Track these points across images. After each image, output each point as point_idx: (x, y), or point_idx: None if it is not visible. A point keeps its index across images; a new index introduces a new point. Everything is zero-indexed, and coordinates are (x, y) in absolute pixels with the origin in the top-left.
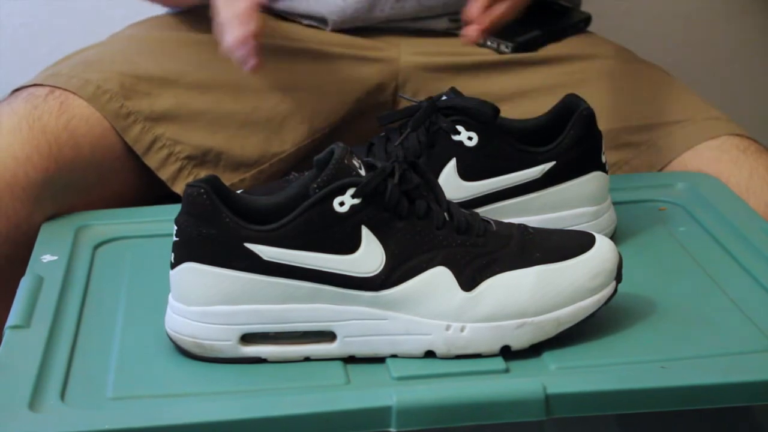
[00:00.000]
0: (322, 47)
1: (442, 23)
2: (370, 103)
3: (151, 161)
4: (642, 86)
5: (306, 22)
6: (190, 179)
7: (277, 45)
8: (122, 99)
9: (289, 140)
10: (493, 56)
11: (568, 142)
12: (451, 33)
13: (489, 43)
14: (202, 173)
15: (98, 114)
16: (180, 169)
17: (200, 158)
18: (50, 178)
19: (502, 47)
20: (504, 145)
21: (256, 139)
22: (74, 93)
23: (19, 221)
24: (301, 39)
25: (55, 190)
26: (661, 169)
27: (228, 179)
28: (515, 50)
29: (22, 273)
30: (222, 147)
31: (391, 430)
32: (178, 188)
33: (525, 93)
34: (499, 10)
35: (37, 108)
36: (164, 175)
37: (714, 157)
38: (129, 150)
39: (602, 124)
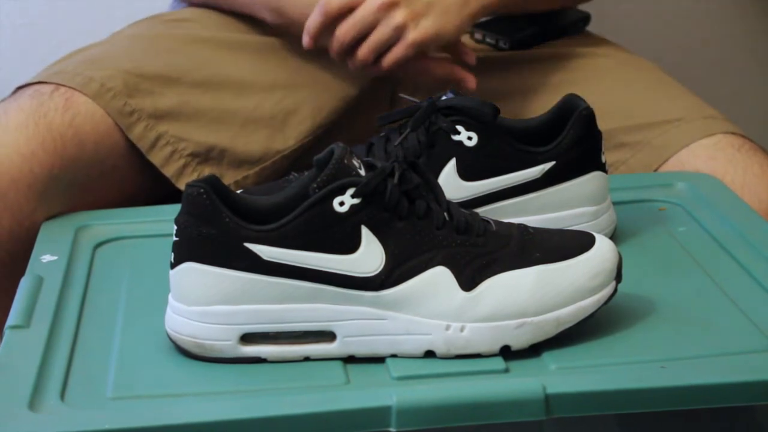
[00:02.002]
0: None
1: None
2: (370, 100)
3: (156, 158)
4: (637, 85)
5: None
6: (195, 176)
7: (278, 42)
8: (126, 97)
9: (292, 137)
10: (491, 53)
11: (568, 142)
12: None
13: (487, 39)
14: (206, 170)
15: (102, 111)
16: (184, 166)
17: (204, 155)
18: (55, 175)
19: (500, 43)
20: (504, 145)
21: (259, 136)
22: (79, 90)
23: (22, 218)
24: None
25: (60, 187)
26: (656, 169)
27: (232, 176)
28: (513, 47)
29: (24, 270)
30: (226, 144)
31: (391, 429)
32: (183, 185)
33: (522, 91)
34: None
35: (43, 105)
36: (168, 171)
37: (709, 156)
38: (133, 147)
39: (598, 124)
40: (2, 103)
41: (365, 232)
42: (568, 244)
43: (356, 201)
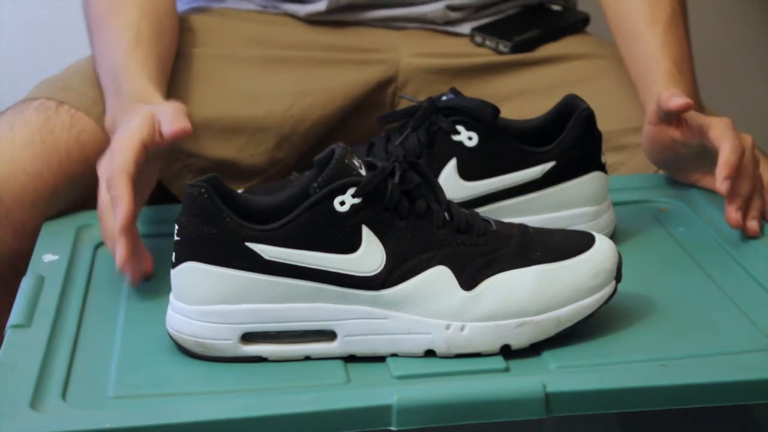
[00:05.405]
0: (325, 53)
1: (438, 11)
2: (371, 105)
3: (164, 175)
4: None
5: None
6: None
7: (283, 52)
8: None
9: (298, 145)
10: (491, 57)
11: (568, 142)
12: (449, 31)
13: (488, 42)
14: None
15: None
16: None
17: (212, 170)
18: (58, 193)
19: (501, 47)
20: (504, 145)
21: (266, 146)
22: (83, 111)
23: (25, 233)
24: (305, 44)
25: (62, 202)
26: (656, 171)
27: (235, 188)
28: (513, 50)
29: None
30: (234, 157)
31: (392, 428)
32: None
33: (523, 94)
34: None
35: (50, 120)
36: (177, 189)
37: None
38: None
39: (598, 126)
40: (6, 116)
41: (366, 231)
42: (568, 243)
43: (357, 200)
